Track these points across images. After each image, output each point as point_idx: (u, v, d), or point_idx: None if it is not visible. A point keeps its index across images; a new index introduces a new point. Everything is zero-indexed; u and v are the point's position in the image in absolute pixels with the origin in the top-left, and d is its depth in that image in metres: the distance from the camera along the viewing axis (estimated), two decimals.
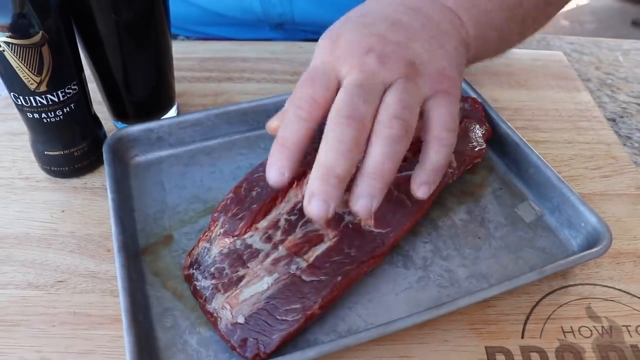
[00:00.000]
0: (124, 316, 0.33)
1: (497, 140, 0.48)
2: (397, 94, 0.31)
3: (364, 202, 0.30)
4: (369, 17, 0.35)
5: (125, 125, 0.48)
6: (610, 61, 0.69)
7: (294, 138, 0.31)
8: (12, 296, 0.37)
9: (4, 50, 0.36)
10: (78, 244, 0.41)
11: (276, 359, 0.31)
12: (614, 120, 0.59)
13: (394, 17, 0.35)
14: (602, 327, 0.36)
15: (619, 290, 0.39)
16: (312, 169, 0.30)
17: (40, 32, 0.36)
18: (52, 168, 0.45)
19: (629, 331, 0.36)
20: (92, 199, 0.44)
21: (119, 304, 0.36)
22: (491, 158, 0.48)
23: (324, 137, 0.30)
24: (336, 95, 0.32)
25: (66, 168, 0.45)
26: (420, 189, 0.33)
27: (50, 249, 0.40)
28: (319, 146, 0.31)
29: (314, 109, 0.31)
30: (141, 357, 0.31)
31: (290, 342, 0.34)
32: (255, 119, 0.49)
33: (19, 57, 0.37)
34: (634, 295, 0.39)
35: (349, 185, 0.31)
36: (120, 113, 0.49)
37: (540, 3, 0.44)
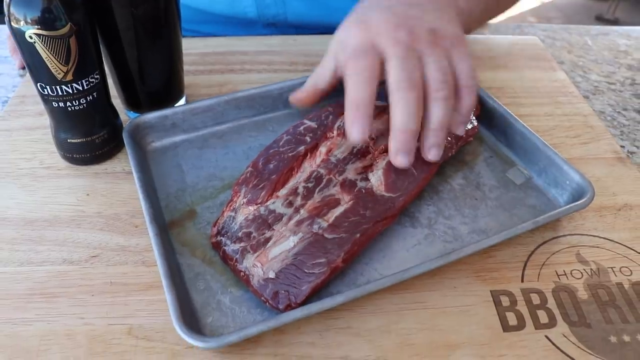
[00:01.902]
0: (164, 277, 0.36)
1: (486, 114, 0.52)
2: (434, 62, 0.38)
3: (435, 151, 0.40)
4: (383, 2, 0.41)
5: (138, 114, 0.51)
6: (580, 45, 0.74)
7: (365, 99, 0.37)
8: (49, 271, 0.40)
9: (35, 42, 0.39)
10: (106, 222, 0.43)
11: (308, 305, 0.34)
12: (587, 97, 0.64)
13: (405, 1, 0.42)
14: (591, 269, 0.41)
15: (603, 238, 0.43)
16: (391, 131, 0.38)
17: (69, 24, 0.39)
18: (74, 155, 0.47)
19: (614, 272, 0.41)
20: (114, 182, 0.47)
21: (152, 273, 0.40)
22: (481, 130, 0.52)
23: (393, 104, 0.37)
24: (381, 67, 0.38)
25: (88, 155, 0.47)
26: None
27: (80, 229, 0.43)
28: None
29: (372, 74, 0.37)
30: (183, 315, 0.34)
31: (315, 297, 0.37)
32: (262, 104, 0.52)
33: (49, 48, 0.40)
34: (616, 242, 0.43)
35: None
36: (134, 103, 0.52)
37: None
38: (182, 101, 0.54)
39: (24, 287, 0.39)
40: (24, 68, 0.65)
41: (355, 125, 0.37)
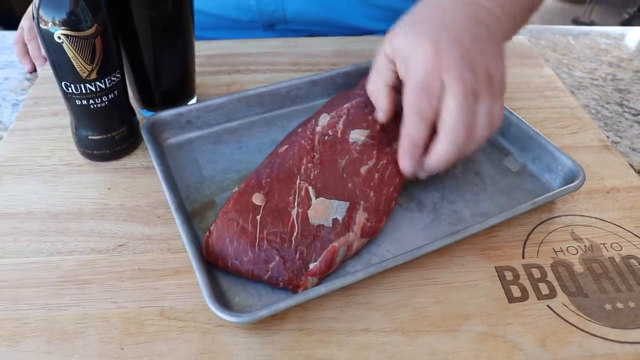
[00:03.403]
0: (194, 260, 0.38)
1: None
2: (485, 107, 0.40)
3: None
4: (447, 18, 0.41)
5: (152, 113, 0.53)
6: (564, 44, 0.79)
7: (423, 138, 0.41)
8: (78, 260, 0.42)
9: (62, 42, 0.41)
10: (129, 214, 0.45)
11: (331, 282, 0.37)
12: (572, 92, 0.68)
13: (470, 30, 0.41)
14: (585, 246, 0.44)
15: (594, 218, 0.47)
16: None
17: (95, 25, 0.42)
18: (95, 152, 0.49)
19: (605, 247, 0.44)
20: (134, 177, 0.49)
21: (179, 259, 0.42)
22: None
23: (442, 138, 0.40)
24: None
25: (107, 151, 0.49)
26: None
27: (105, 220, 0.45)
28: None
29: (432, 116, 0.40)
30: (215, 294, 0.37)
31: (333, 274, 0.40)
32: (271, 102, 0.55)
33: (76, 48, 0.42)
34: (606, 221, 0.47)
35: None
36: (149, 102, 0.54)
37: None
38: (193, 100, 0.57)
39: (55, 275, 0.41)
40: (31, 72, 0.67)
41: (409, 160, 0.42)
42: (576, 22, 2.50)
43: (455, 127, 0.39)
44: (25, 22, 0.70)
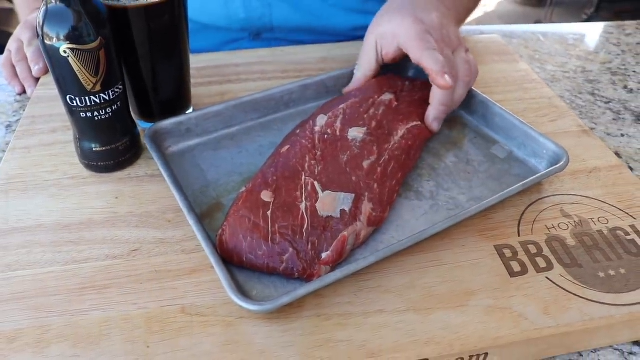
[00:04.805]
0: (211, 256, 0.40)
1: (467, 101, 0.58)
2: (465, 60, 0.55)
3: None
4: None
5: (150, 124, 0.54)
6: (534, 41, 0.83)
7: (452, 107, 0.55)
8: (95, 267, 0.43)
9: (68, 56, 0.43)
10: (140, 220, 0.47)
11: (346, 267, 0.39)
12: (547, 85, 0.72)
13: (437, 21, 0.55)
14: (575, 221, 0.47)
15: (580, 195, 0.50)
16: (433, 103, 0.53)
17: (99, 38, 0.43)
18: (99, 164, 0.50)
19: (593, 222, 0.47)
20: (140, 185, 0.50)
21: (194, 259, 0.43)
22: (464, 116, 0.59)
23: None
24: None
25: (111, 162, 0.50)
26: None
27: (116, 227, 0.46)
28: None
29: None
30: (235, 286, 0.38)
31: (344, 263, 0.42)
32: (266, 107, 0.57)
33: (81, 61, 0.43)
34: (592, 198, 0.50)
35: None
36: (147, 113, 0.55)
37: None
38: (189, 110, 0.58)
39: (74, 282, 0.41)
40: (21, 94, 0.68)
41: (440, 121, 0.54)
42: (538, 23, 2.60)
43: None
44: (13, 44, 0.70)
